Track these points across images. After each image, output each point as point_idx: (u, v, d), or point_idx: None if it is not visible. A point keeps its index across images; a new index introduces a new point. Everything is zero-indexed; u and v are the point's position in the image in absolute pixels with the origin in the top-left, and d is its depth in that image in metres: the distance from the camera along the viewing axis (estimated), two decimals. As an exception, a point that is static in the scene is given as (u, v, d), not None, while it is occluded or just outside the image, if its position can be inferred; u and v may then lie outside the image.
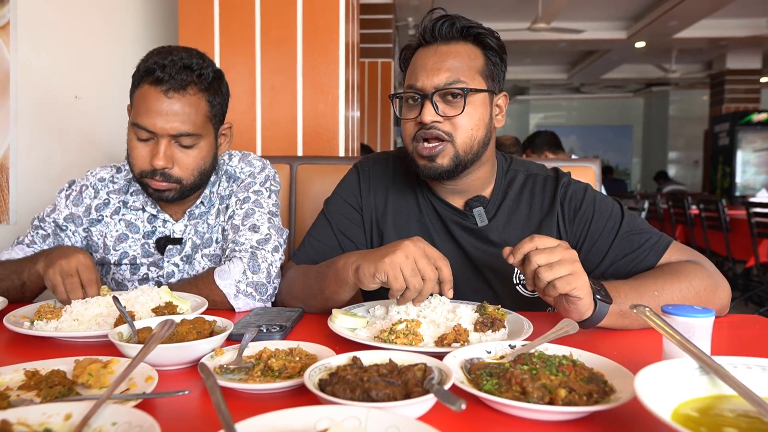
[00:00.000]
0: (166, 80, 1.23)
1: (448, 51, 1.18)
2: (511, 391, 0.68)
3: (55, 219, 1.41)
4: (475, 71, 1.19)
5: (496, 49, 1.22)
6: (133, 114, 1.29)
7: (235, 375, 0.79)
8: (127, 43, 2.44)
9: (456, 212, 1.29)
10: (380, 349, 0.86)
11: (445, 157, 1.18)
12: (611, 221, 1.23)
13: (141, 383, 0.73)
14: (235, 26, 2.28)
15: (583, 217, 1.24)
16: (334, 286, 1.10)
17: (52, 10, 2.03)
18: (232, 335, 0.95)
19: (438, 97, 1.16)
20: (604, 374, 0.73)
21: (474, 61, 1.19)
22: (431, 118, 1.15)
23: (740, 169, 9.84)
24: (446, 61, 1.17)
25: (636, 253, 1.18)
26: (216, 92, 1.33)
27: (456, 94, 1.16)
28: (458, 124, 1.17)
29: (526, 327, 0.98)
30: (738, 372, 0.66)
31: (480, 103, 1.20)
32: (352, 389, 0.64)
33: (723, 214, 5.14)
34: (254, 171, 1.46)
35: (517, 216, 1.28)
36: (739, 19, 8.22)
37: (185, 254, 1.41)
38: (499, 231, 1.27)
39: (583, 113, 14.44)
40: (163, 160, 1.26)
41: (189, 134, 1.27)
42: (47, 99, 2.01)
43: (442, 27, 1.19)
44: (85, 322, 1.04)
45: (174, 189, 1.31)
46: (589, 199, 1.26)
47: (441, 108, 1.17)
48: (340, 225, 1.34)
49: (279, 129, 2.31)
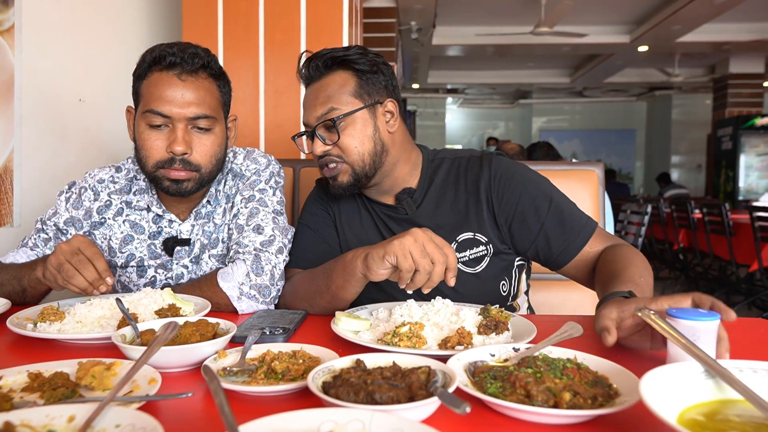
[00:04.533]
0: (178, 63, 1.23)
1: (321, 86, 1.30)
2: (516, 394, 0.67)
3: (56, 222, 1.40)
4: (347, 94, 1.28)
5: (365, 66, 1.30)
6: (144, 102, 1.26)
7: (239, 377, 0.79)
8: (131, 46, 2.45)
9: (388, 207, 1.39)
10: (384, 351, 0.85)
11: (344, 175, 1.31)
12: (541, 203, 1.28)
13: (144, 385, 0.73)
14: (239, 30, 2.29)
15: (512, 198, 1.29)
16: (342, 280, 1.13)
17: (57, 14, 2.04)
18: (235, 337, 0.95)
19: (321, 129, 1.28)
20: (609, 377, 0.73)
21: (344, 86, 1.29)
22: (320, 149, 1.29)
23: (743, 173, 9.81)
24: (318, 96, 1.29)
25: (566, 235, 1.25)
26: (224, 81, 1.35)
27: (331, 123, 1.27)
28: (343, 146, 1.28)
29: (529, 329, 0.97)
30: (744, 376, 0.65)
31: (359, 121, 1.29)
32: (356, 392, 0.64)
33: (726, 218, 5.12)
34: (259, 168, 1.45)
35: (445, 199, 1.35)
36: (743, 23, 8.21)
37: (194, 255, 1.40)
38: (429, 216, 1.35)
39: (586, 117, 14.41)
40: (182, 145, 1.24)
41: (206, 116, 1.26)
42: (52, 102, 2.02)
43: (309, 68, 1.31)
44: (88, 324, 1.04)
45: (193, 178, 1.29)
46: (518, 179, 1.31)
47: (326, 137, 1.29)
48: (316, 225, 1.42)
49: (282, 132, 2.31)
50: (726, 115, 10.24)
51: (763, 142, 9.71)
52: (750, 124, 9.65)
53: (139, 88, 1.28)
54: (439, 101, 13.63)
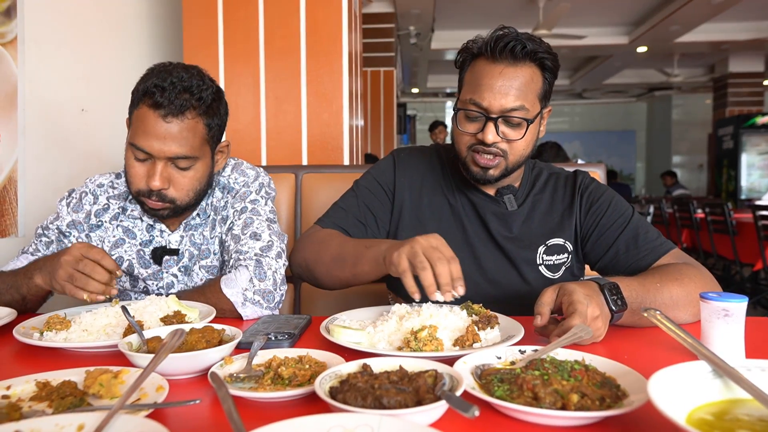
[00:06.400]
0: (165, 105, 1.24)
1: (515, 74, 1.22)
2: (523, 397, 0.67)
3: (58, 226, 1.42)
4: (535, 95, 1.25)
5: (553, 69, 1.28)
6: (131, 134, 1.30)
7: (245, 384, 0.79)
8: (133, 56, 2.46)
9: (488, 198, 1.38)
10: (389, 356, 0.85)
11: (497, 170, 1.28)
12: (621, 218, 1.33)
13: (152, 393, 0.73)
14: (239, 37, 2.30)
15: (598, 210, 1.35)
16: (369, 267, 1.16)
17: (60, 25, 2.06)
18: (241, 344, 0.95)
19: (502, 121, 1.23)
20: (617, 378, 0.73)
21: (535, 84, 1.25)
22: (493, 139, 1.23)
23: (745, 172, 9.79)
24: (512, 85, 1.22)
25: (637, 251, 1.27)
26: (214, 114, 1.34)
27: (518, 122, 1.23)
28: (515, 146, 1.26)
29: (515, 324, 1.02)
30: (752, 375, 0.65)
31: (535, 125, 1.28)
32: (364, 396, 0.64)
33: (729, 218, 5.11)
34: (248, 180, 1.47)
35: (541, 205, 1.39)
36: (741, 23, 8.21)
37: (183, 265, 1.42)
38: (525, 216, 1.37)
39: (586, 119, 14.42)
40: (159, 182, 1.28)
41: (186, 157, 1.29)
42: (54, 112, 2.03)
43: (512, 49, 1.21)
44: (95, 332, 1.05)
45: (168, 208, 1.34)
46: (607, 196, 1.37)
47: (502, 130, 1.24)
48: (366, 199, 1.41)
49: (283, 138, 2.32)
50: (726, 114, 10.23)
51: (765, 140, 9.69)
52: (751, 122, 9.64)
53: (132, 113, 1.31)
54: (439, 105, 13.65)
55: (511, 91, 1.21)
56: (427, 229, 1.36)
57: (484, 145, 1.24)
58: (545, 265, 1.35)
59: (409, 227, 1.39)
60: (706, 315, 0.88)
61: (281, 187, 1.85)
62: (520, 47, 1.21)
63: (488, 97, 1.21)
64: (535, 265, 1.35)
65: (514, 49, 1.21)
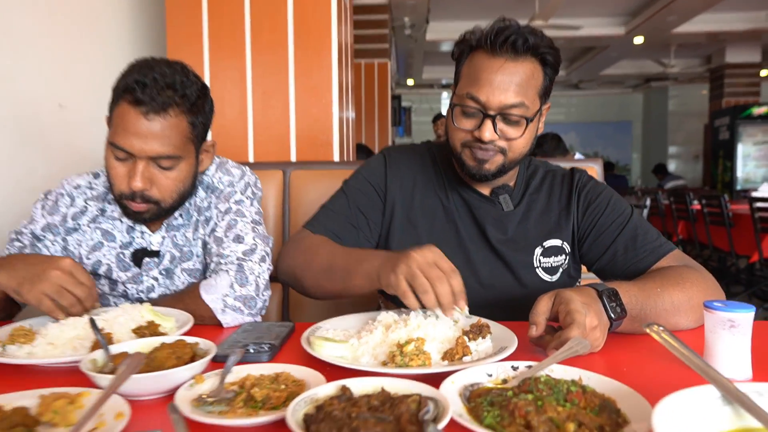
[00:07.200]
0: (146, 102, 1.17)
1: (515, 69, 1.15)
2: (515, 425, 0.61)
3: (32, 230, 1.35)
4: (535, 92, 1.19)
5: (554, 65, 1.22)
6: (111, 132, 1.23)
7: (215, 407, 0.73)
8: (114, 48, 2.38)
9: (483, 198, 1.33)
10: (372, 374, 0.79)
11: (493, 164, 1.22)
12: (620, 218, 1.28)
13: (110, 421, 0.67)
14: (224, 30, 2.22)
15: (596, 210, 1.30)
16: (362, 281, 1.09)
17: (34, 16, 1.97)
18: (218, 356, 0.89)
19: (500, 118, 1.17)
20: (617, 401, 0.67)
21: (536, 80, 1.19)
22: (490, 137, 1.17)
23: (741, 163, 9.77)
24: (512, 81, 1.15)
25: (636, 252, 1.22)
26: (199, 112, 1.27)
27: (517, 120, 1.17)
28: (514, 144, 1.20)
29: (508, 334, 0.95)
30: (764, 401, 0.60)
31: (534, 123, 1.22)
32: (339, 428, 0.58)
33: (725, 210, 5.08)
34: (233, 180, 1.40)
35: (538, 205, 1.34)
36: (738, 13, 8.15)
37: (164, 267, 1.36)
38: (519, 217, 1.32)
39: (582, 110, 14.36)
40: (141, 182, 1.21)
41: (168, 156, 1.22)
42: (29, 108, 1.95)
43: (513, 43, 1.14)
44: (60, 346, 0.98)
45: (152, 210, 1.27)
46: (605, 195, 1.32)
47: (500, 127, 1.18)
48: (356, 200, 1.33)
49: (271, 134, 2.25)
50: (723, 105, 10.19)
51: (761, 131, 9.66)
52: (747, 113, 9.61)
53: (112, 110, 1.24)
54: (435, 97, 13.55)
55: (511, 87, 1.15)
56: (419, 230, 1.31)
57: (481, 143, 1.19)
58: (542, 267, 1.30)
59: (400, 229, 1.33)
60: (711, 326, 0.83)
61: (268, 184, 1.78)
62: (521, 41, 1.14)
63: (486, 93, 1.15)
64: (532, 268, 1.29)
65: (515, 43, 1.14)
